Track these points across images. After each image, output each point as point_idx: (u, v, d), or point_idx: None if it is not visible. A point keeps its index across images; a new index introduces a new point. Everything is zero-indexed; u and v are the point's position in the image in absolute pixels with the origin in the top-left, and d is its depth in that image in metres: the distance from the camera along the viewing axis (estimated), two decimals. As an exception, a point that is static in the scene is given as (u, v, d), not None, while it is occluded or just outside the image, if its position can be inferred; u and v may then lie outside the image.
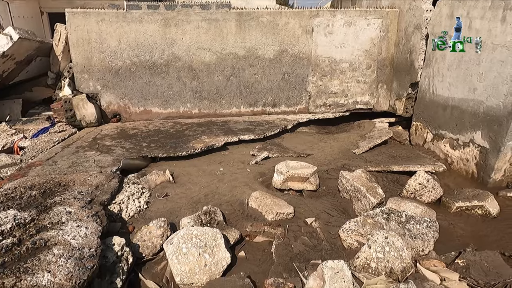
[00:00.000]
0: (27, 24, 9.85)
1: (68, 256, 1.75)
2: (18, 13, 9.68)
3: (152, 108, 4.98)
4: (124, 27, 4.62)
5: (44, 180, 2.77)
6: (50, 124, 4.71)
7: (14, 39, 4.23)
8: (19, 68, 4.90)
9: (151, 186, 3.02)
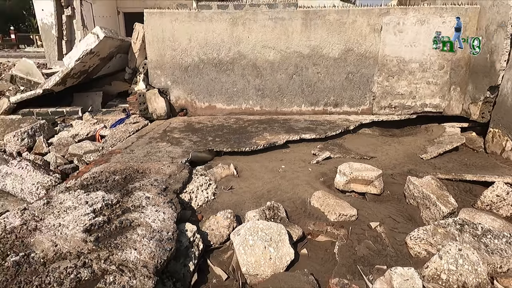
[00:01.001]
0: (106, 22, 10.79)
1: (150, 237, 1.93)
2: (99, 12, 10.63)
3: (216, 104, 5.19)
4: (195, 26, 4.87)
5: (124, 166, 3.06)
6: (126, 116, 5.15)
7: (100, 38, 4.69)
8: (102, 64, 5.42)
9: (217, 178, 3.18)
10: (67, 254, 1.76)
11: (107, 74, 5.88)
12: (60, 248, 1.80)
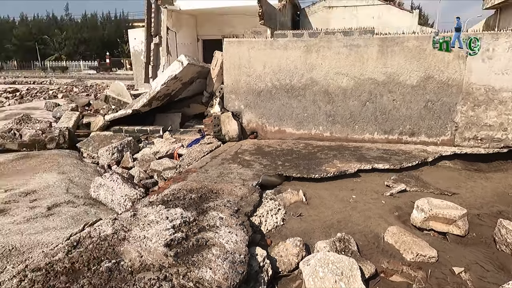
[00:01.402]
0: (187, 49, 11.75)
1: (223, 258, 2.01)
2: (181, 40, 11.62)
3: (286, 128, 5.28)
4: (269, 53, 5.08)
5: (200, 186, 3.25)
6: (201, 136, 5.49)
7: (184, 65, 5.14)
8: (183, 88, 5.91)
9: (286, 204, 3.20)
10: (151, 266, 1.92)
11: (186, 97, 6.37)
12: (145, 259, 1.97)
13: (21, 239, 2.55)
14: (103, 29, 43.67)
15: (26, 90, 16.29)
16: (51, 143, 5.32)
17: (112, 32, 42.76)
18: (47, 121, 6.80)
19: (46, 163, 4.62)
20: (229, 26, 11.81)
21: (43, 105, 10.25)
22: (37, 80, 22.10)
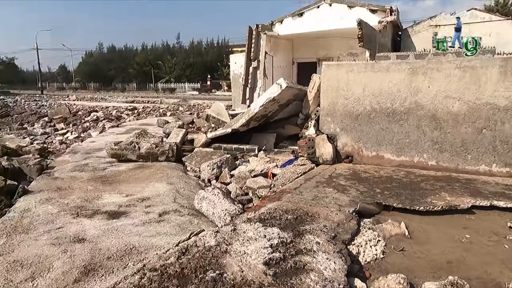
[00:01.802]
0: (282, 71, 12.16)
1: (322, 285, 1.97)
2: (277, 63, 12.09)
3: (385, 154, 4.99)
4: (369, 76, 4.93)
5: (295, 207, 3.27)
6: (294, 157, 5.55)
7: (283, 87, 5.33)
8: (280, 110, 6.10)
9: (385, 235, 3.00)
10: (251, 282, 1.98)
11: (282, 118, 6.56)
12: (246, 274, 2.05)
13: (139, 240, 2.91)
14: (207, 54, 48.17)
15: (142, 108, 18.79)
16: (162, 156, 6.00)
17: (214, 57, 46.87)
18: (159, 136, 7.72)
19: (157, 173, 5.21)
20: (324, 48, 11.90)
21: (155, 122, 11.66)
22: (151, 100, 25.34)
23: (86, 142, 8.49)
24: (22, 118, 18.01)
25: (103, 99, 28.35)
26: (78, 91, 45.18)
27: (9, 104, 23.61)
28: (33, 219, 3.39)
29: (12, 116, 19.67)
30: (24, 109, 21.33)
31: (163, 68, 47.33)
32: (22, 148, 7.81)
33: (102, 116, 15.47)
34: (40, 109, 21.03)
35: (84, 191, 4.33)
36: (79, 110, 19.00)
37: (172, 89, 42.65)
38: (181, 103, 21.96)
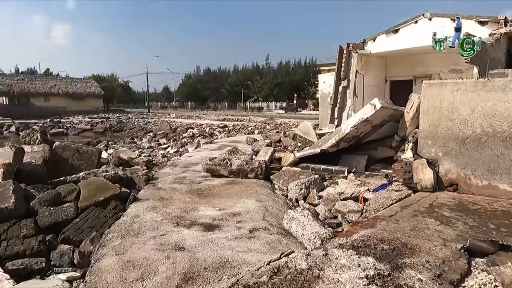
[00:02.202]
0: (372, 90, 11.66)
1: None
2: (368, 82, 11.66)
3: (499, 184, 4.34)
4: (481, 95, 4.41)
5: (391, 237, 3.05)
6: (388, 182, 5.20)
7: (377, 108, 5.10)
8: (373, 131, 5.83)
9: (504, 281, 2.57)
10: (346, 313, 1.89)
11: (374, 139, 6.24)
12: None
13: (232, 254, 3.03)
14: (294, 74, 49.02)
15: (232, 126, 19.89)
16: (251, 173, 6.22)
17: (301, 76, 47.42)
18: (249, 154, 8.04)
19: (247, 190, 5.41)
20: (422, 65, 11.08)
21: (244, 139, 12.20)
22: (240, 118, 26.68)
23: (184, 156, 9.31)
24: (132, 133, 20.68)
25: (198, 117, 30.89)
26: (177, 110, 50.11)
27: (123, 120, 27.36)
28: (142, 224, 3.82)
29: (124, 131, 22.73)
30: (134, 125, 24.48)
31: (252, 88, 49.60)
32: (133, 159, 8.94)
33: (197, 133, 16.81)
34: (146, 125, 23.87)
35: (182, 202, 4.73)
36: (178, 126, 21.03)
37: (259, 107, 44.30)
38: (268, 121, 22.62)
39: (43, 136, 6.47)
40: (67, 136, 21.46)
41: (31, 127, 22.11)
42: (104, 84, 46.02)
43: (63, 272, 3.14)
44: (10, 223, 3.95)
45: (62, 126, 24.03)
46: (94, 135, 21.15)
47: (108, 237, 3.48)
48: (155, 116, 34.25)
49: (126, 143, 13.78)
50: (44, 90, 36.41)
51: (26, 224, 3.95)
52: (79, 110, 35.89)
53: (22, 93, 34.86)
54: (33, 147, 6.11)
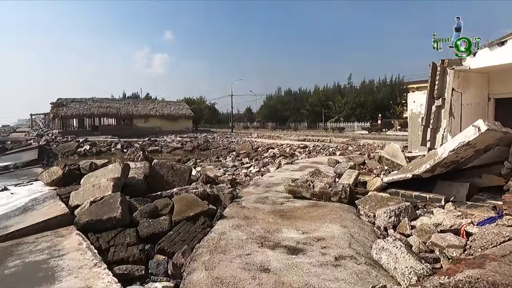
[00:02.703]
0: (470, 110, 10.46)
1: None
2: (466, 100, 10.51)
3: None
4: None
5: (507, 282, 2.61)
6: (497, 215, 4.53)
7: (482, 130, 4.54)
8: (476, 156, 5.19)
9: None
10: None
11: (477, 165, 5.53)
12: None
13: (318, 282, 2.94)
14: (378, 92, 46.85)
15: (313, 146, 19.70)
16: (335, 196, 6.02)
17: (386, 95, 45.10)
18: (332, 176, 7.83)
19: (331, 214, 5.24)
20: (537, 80, 9.59)
21: (325, 160, 11.95)
22: (320, 138, 26.32)
23: (265, 176, 9.49)
24: (217, 152, 21.93)
25: (278, 137, 31.40)
26: (259, 130, 51.79)
27: (209, 140, 29.27)
28: (228, 242, 3.96)
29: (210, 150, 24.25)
30: (218, 144, 25.98)
31: (333, 108, 48.74)
32: (218, 177, 9.43)
33: (278, 153, 17.05)
34: (230, 144, 25.11)
35: (266, 223, 4.78)
36: (259, 146, 21.64)
37: (341, 128, 43.16)
38: (350, 142, 21.84)
39: (144, 154, 7.26)
40: (161, 153, 23.75)
41: (133, 145, 25.09)
42: (194, 106, 50.10)
43: (159, 281, 3.41)
44: (117, 231, 4.47)
45: (157, 144, 26.70)
46: (184, 153, 23.01)
47: (198, 251, 3.68)
48: (237, 135, 35.87)
49: (212, 161, 14.65)
50: (144, 112, 41.15)
51: (129, 233, 4.43)
52: (172, 130, 39.52)
53: (127, 115, 39.92)
54: (136, 163, 6.89)
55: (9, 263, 3.57)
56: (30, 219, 4.90)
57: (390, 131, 36.21)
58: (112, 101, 42.76)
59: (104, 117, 40.09)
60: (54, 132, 34.51)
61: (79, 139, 27.20)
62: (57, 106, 37.40)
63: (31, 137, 30.82)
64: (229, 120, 62.96)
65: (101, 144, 25.42)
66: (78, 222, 4.70)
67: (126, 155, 8.40)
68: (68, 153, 21.97)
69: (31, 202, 5.95)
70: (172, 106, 45.26)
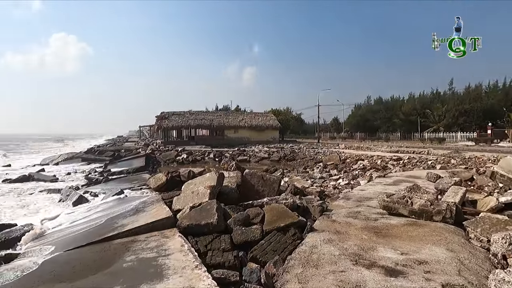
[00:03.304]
0: None
1: None
2: None
3: None
4: None
5: None
6: None
7: None
8: None
9: None
10: None
11: None
12: None
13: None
14: (487, 98, 41.16)
15: (407, 159, 18.16)
16: (438, 215, 5.43)
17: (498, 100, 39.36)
18: (433, 193, 7.10)
19: (433, 235, 4.74)
20: None
21: (423, 175, 10.90)
22: (416, 150, 24.12)
23: (356, 189, 9.08)
24: (303, 162, 21.86)
25: (368, 148, 29.83)
26: (346, 140, 50.02)
27: (295, 150, 29.34)
28: (320, 256, 3.88)
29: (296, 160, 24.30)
30: (305, 155, 25.87)
31: (431, 117, 44.33)
32: (306, 188, 9.37)
33: (368, 165, 16.19)
34: (316, 155, 24.79)
35: (359, 239, 4.56)
36: (347, 157, 20.88)
37: (440, 139, 38.91)
38: (453, 154, 19.50)
39: (237, 164, 7.64)
40: (249, 163, 24.65)
41: (224, 154, 26.62)
42: (280, 117, 50.93)
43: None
44: (213, 236, 4.77)
45: (246, 154, 27.83)
46: (271, 163, 23.50)
47: (290, 263, 3.70)
48: (324, 146, 35.19)
49: (299, 172, 14.65)
50: (234, 123, 43.41)
51: (224, 239, 4.68)
52: (259, 140, 40.80)
53: (219, 126, 42.63)
54: (229, 172, 7.29)
55: (127, 258, 4.10)
56: (142, 220, 5.56)
57: (503, 142, 31.31)
58: (206, 114, 46.23)
59: (199, 128, 43.53)
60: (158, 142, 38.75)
61: (178, 148, 29.99)
62: (161, 119, 41.97)
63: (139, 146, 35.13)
64: (315, 130, 62.27)
65: (196, 153, 27.59)
66: (180, 226, 5.15)
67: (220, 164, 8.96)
68: (169, 161, 24.39)
69: (141, 204, 6.76)
70: (260, 117, 46.77)
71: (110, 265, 3.91)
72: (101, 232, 5.44)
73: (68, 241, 5.47)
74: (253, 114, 48.96)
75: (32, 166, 22.70)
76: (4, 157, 31.71)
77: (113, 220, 6.08)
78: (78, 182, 14.66)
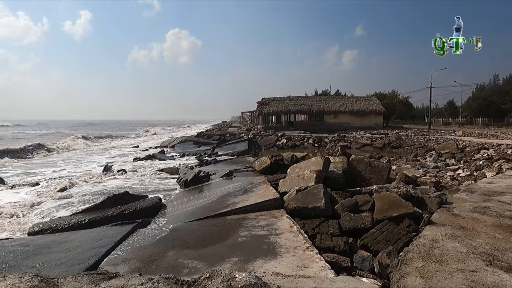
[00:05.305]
0: None
1: None
2: None
3: None
4: None
5: None
6: None
7: None
8: None
9: None
10: None
11: None
12: None
13: None
14: None
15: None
16: None
17: None
18: None
19: None
20: None
21: None
22: None
23: (481, 182, 7.92)
24: (411, 150, 20.02)
25: (493, 135, 25.61)
26: (464, 126, 43.83)
27: (402, 137, 27.01)
28: (443, 252, 3.51)
29: (403, 148, 22.41)
30: (413, 142, 23.64)
31: None
32: (417, 178, 8.57)
33: (494, 155, 13.94)
34: (427, 143, 22.40)
35: (491, 238, 3.97)
36: (466, 146, 18.35)
37: None
38: None
39: (343, 150, 7.41)
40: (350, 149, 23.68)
41: (323, 140, 26.19)
42: (385, 101, 47.35)
43: (365, 276, 3.40)
44: (321, 220, 4.76)
45: (346, 140, 26.81)
46: (374, 150, 22.16)
47: (408, 256, 3.44)
48: (436, 133, 31.53)
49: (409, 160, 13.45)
50: (334, 108, 42.14)
51: (332, 224, 4.63)
52: (361, 126, 38.80)
53: (318, 112, 41.98)
54: (334, 158, 7.13)
55: (241, 233, 4.40)
56: (251, 199, 5.88)
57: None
58: (305, 99, 45.94)
59: (298, 114, 43.61)
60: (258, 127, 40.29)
61: (278, 133, 30.67)
62: (262, 105, 43.38)
63: (242, 131, 37.10)
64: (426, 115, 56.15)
65: (296, 138, 27.76)
66: (287, 207, 5.28)
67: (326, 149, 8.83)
68: (269, 145, 25.14)
69: (249, 185, 7.14)
70: (362, 101, 44.28)
71: (227, 238, 4.26)
72: (214, 208, 5.95)
73: (187, 213, 6.14)
74: (354, 98, 46.62)
75: (154, 148, 26.09)
76: (155, 135, 40.32)
77: (225, 197, 6.58)
78: (191, 161, 16.28)
